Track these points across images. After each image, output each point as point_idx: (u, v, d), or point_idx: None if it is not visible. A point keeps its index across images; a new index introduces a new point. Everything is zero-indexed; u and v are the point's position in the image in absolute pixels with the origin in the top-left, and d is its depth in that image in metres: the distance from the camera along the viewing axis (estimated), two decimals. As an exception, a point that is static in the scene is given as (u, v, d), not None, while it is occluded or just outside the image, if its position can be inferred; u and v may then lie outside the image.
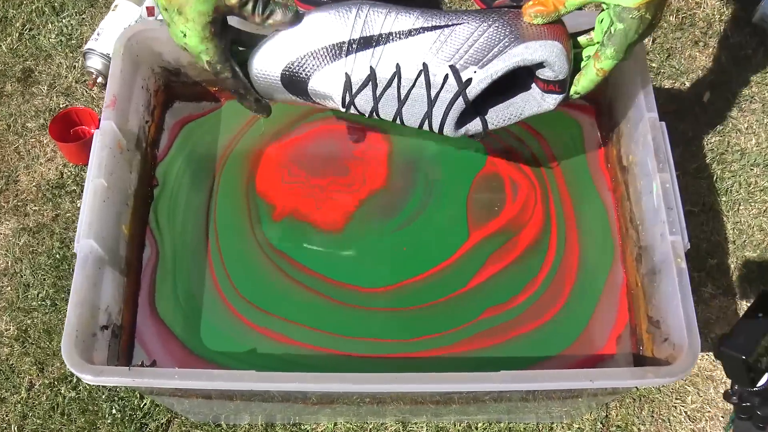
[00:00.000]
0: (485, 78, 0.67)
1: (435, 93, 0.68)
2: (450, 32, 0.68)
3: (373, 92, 0.70)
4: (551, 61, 0.66)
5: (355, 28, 0.69)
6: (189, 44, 0.67)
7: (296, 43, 0.70)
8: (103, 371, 0.67)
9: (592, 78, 0.69)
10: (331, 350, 0.78)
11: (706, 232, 1.01)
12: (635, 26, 0.64)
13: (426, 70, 0.68)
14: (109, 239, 0.75)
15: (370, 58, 0.69)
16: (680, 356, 0.66)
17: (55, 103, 1.13)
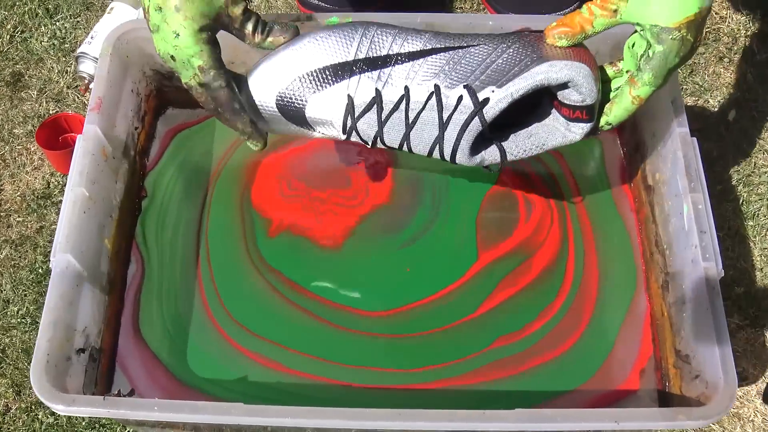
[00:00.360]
0: (505, 97, 0.60)
1: (447, 115, 0.62)
2: (464, 53, 0.62)
3: (378, 116, 0.63)
4: (578, 82, 0.60)
5: (361, 49, 0.63)
6: (181, 45, 0.61)
7: (296, 62, 0.64)
8: (76, 400, 0.60)
9: (627, 107, 0.62)
10: (328, 379, 0.72)
11: (732, 258, 0.95)
12: (676, 48, 0.58)
13: (438, 91, 0.62)
14: (90, 254, 0.69)
15: (376, 80, 0.63)
16: (715, 396, 0.60)
17: (44, 108, 1.07)
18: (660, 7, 0.56)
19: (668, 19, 0.56)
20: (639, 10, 0.57)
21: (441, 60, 0.62)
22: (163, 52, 0.62)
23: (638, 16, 0.58)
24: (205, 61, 0.62)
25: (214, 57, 0.62)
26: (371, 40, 0.63)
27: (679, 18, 0.56)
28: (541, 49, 0.61)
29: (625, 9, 0.58)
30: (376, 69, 0.63)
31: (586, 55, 0.62)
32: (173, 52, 0.62)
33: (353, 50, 0.63)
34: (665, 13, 0.56)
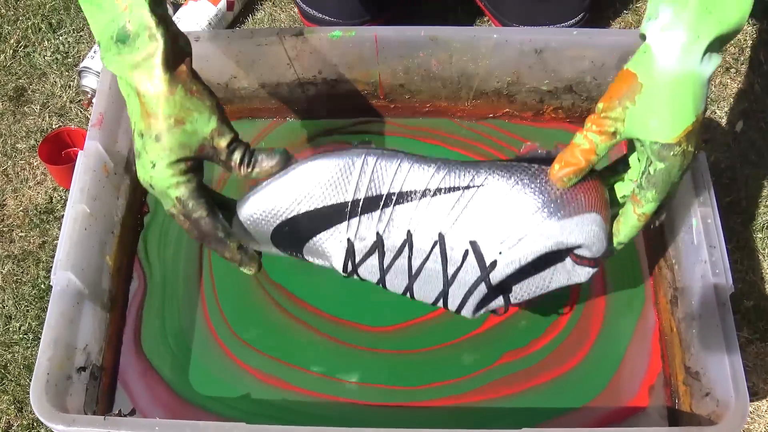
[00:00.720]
0: (513, 262, 0.57)
1: (453, 271, 0.59)
2: (471, 196, 0.58)
3: (380, 262, 0.60)
4: (589, 244, 0.57)
5: (360, 187, 0.59)
6: (156, 177, 0.57)
7: (291, 201, 0.60)
8: (76, 420, 0.60)
9: (634, 225, 0.60)
10: (331, 396, 0.71)
11: (741, 271, 0.94)
12: (679, 163, 0.55)
13: (442, 242, 0.59)
14: (91, 271, 0.68)
15: (377, 222, 0.59)
16: (726, 414, 0.59)
17: (47, 123, 1.07)
18: (658, 123, 0.54)
19: (667, 135, 0.54)
20: (637, 128, 0.55)
21: (445, 203, 0.58)
22: (142, 179, 0.58)
23: (637, 133, 0.56)
24: (182, 192, 0.58)
25: (191, 188, 0.58)
26: (370, 177, 0.59)
27: (677, 132, 0.54)
28: (550, 194, 0.57)
29: (623, 129, 0.56)
30: (377, 209, 0.59)
31: (598, 197, 0.58)
32: (150, 182, 0.58)
33: (352, 188, 0.59)
34: (663, 130, 0.54)
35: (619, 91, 0.55)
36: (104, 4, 0.55)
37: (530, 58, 0.77)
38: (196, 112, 0.57)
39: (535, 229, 0.57)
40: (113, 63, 0.56)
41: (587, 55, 0.76)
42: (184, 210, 0.59)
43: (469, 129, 0.85)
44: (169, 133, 0.56)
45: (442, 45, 0.76)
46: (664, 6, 0.54)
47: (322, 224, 0.60)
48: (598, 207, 0.58)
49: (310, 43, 0.76)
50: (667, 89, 0.53)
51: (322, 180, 0.59)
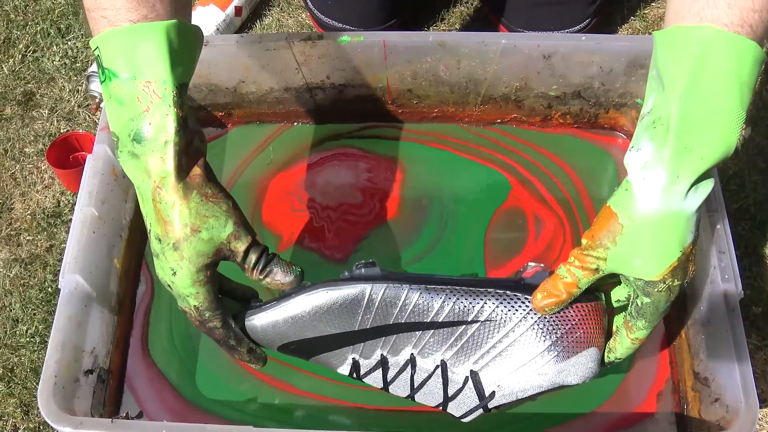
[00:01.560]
0: (510, 394, 0.61)
1: (453, 391, 0.62)
2: (474, 330, 0.60)
3: (384, 376, 0.63)
4: (584, 380, 0.60)
5: (365, 320, 0.61)
6: (177, 285, 0.57)
7: (298, 329, 0.61)
8: (84, 423, 0.60)
9: (628, 346, 0.61)
10: (339, 401, 0.71)
11: (749, 277, 0.93)
12: (665, 298, 0.56)
13: (444, 367, 0.62)
14: (99, 274, 0.68)
15: (381, 347, 0.62)
16: (735, 421, 0.59)
17: (55, 127, 1.07)
18: (641, 263, 0.54)
19: (651, 273, 0.54)
20: (620, 266, 0.55)
21: (449, 334, 0.61)
22: (161, 279, 0.58)
23: (620, 270, 0.55)
24: (201, 302, 0.58)
25: (210, 299, 0.58)
26: (375, 311, 0.60)
27: (661, 270, 0.53)
28: (551, 340, 0.59)
29: (605, 267, 0.56)
30: (381, 336, 0.62)
31: (595, 327, 0.60)
32: (170, 284, 0.58)
33: (357, 320, 0.61)
34: (647, 269, 0.54)
35: (600, 230, 0.55)
36: (126, 101, 0.54)
37: (538, 64, 0.77)
38: (212, 219, 0.56)
39: (534, 369, 0.59)
40: (127, 163, 0.55)
41: (595, 61, 0.76)
42: (200, 317, 0.59)
43: (476, 134, 0.85)
44: (187, 242, 0.55)
45: (450, 50, 0.76)
46: (645, 140, 0.52)
47: (328, 347, 0.63)
48: (595, 340, 0.60)
49: (319, 48, 0.76)
50: (647, 230, 0.52)
51: (328, 313, 0.60)
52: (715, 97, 0.50)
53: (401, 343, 0.62)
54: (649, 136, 0.52)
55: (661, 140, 0.51)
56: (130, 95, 0.53)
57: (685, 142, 0.50)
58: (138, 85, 0.53)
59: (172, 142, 0.54)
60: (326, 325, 0.61)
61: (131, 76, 0.53)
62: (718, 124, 0.50)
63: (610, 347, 0.62)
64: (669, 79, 0.51)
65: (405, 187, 0.82)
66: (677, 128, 0.50)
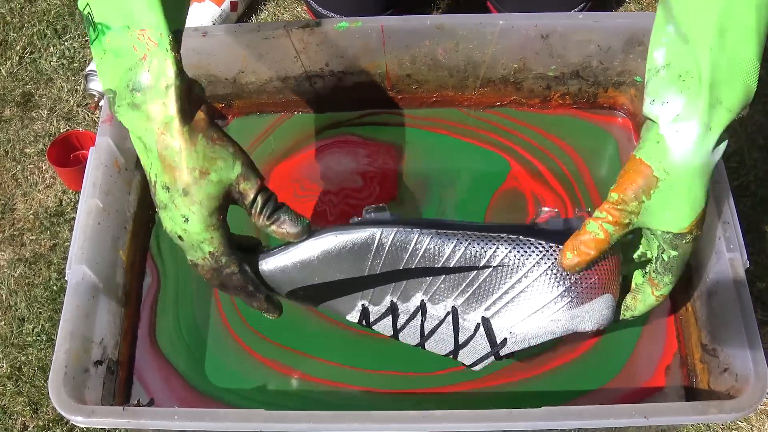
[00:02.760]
0: (521, 342, 0.60)
1: (464, 338, 0.62)
2: (486, 275, 0.59)
3: (394, 323, 0.63)
4: (597, 326, 0.60)
5: (375, 265, 0.60)
6: (190, 231, 0.56)
7: (306, 274, 0.61)
8: (95, 411, 0.59)
9: (651, 303, 0.62)
10: (348, 385, 0.71)
11: (752, 253, 0.94)
12: (690, 249, 0.57)
13: (455, 313, 0.61)
14: (105, 265, 0.68)
15: (391, 293, 0.62)
16: (746, 388, 0.59)
17: (55, 127, 1.07)
18: (672, 215, 0.55)
19: (680, 225, 0.55)
20: (651, 219, 0.56)
21: (460, 280, 0.60)
22: (171, 231, 0.57)
23: (650, 224, 0.57)
24: (216, 247, 0.57)
25: (225, 242, 0.57)
26: (385, 256, 0.60)
27: (690, 221, 0.55)
28: (565, 286, 0.59)
29: (637, 220, 0.57)
30: (391, 282, 0.61)
31: (610, 275, 0.60)
32: (182, 234, 0.57)
33: (367, 265, 0.60)
34: (677, 221, 0.55)
35: (635, 184, 0.55)
36: (122, 52, 0.53)
37: (536, 44, 0.77)
38: (220, 160, 0.55)
39: (548, 317, 0.59)
40: (126, 115, 0.54)
41: (593, 39, 0.76)
42: (216, 264, 0.58)
43: (476, 118, 0.85)
44: (197, 185, 0.55)
45: (448, 33, 0.76)
46: (672, 94, 0.53)
47: (337, 293, 0.62)
48: (610, 287, 0.60)
49: (317, 35, 0.76)
50: (682, 183, 0.54)
51: (338, 257, 0.59)
52: (740, 49, 0.51)
53: (411, 290, 0.61)
54: (678, 88, 0.53)
55: (694, 92, 0.52)
56: (126, 45, 0.53)
57: (716, 94, 0.52)
58: (133, 34, 0.52)
59: (174, 86, 0.53)
60: (335, 271, 0.60)
61: (124, 25, 0.52)
62: (743, 75, 0.51)
63: (628, 305, 0.63)
64: (694, 32, 0.52)
65: (405, 172, 0.82)
66: (709, 80, 0.51)
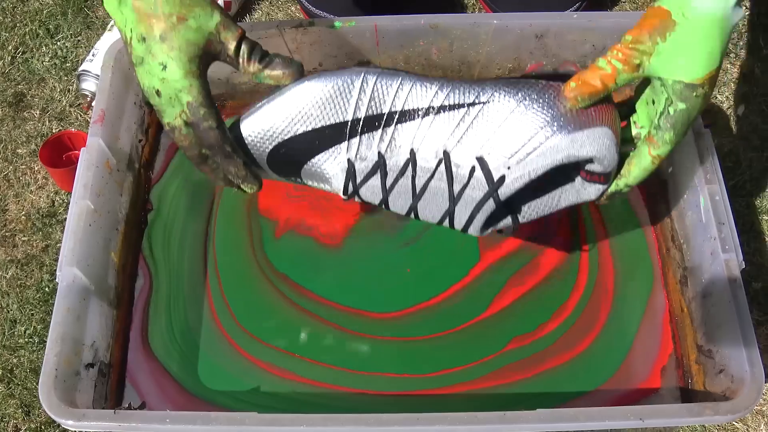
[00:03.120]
0: (522, 176, 0.55)
1: (459, 189, 0.57)
2: (476, 113, 0.56)
3: (382, 182, 0.58)
4: (601, 156, 0.56)
5: (360, 106, 0.57)
6: (169, 78, 0.54)
7: (288, 121, 0.58)
8: (86, 415, 0.59)
9: (647, 167, 0.59)
10: (342, 387, 0.70)
11: (748, 253, 0.93)
12: (699, 105, 0.55)
13: (447, 159, 0.56)
14: (96, 267, 0.68)
15: (378, 142, 0.57)
16: (741, 390, 0.58)
17: (47, 128, 1.06)
18: (686, 62, 0.54)
19: (694, 75, 0.54)
20: (664, 65, 0.54)
21: (450, 120, 0.56)
22: (148, 86, 0.56)
23: (662, 70, 0.55)
24: (194, 96, 0.55)
25: (204, 93, 0.56)
26: (371, 93, 0.56)
27: (704, 73, 0.54)
28: (559, 109, 0.56)
29: (648, 64, 0.55)
30: (378, 129, 0.57)
31: (608, 113, 0.57)
32: (159, 86, 0.55)
33: (351, 107, 0.57)
34: (691, 69, 0.54)
35: (652, 25, 0.54)
36: None
37: (531, 43, 0.76)
38: (198, 8, 0.54)
39: (545, 143, 0.55)
40: None
41: (588, 39, 0.76)
42: (194, 118, 0.56)
43: (471, 118, 0.85)
44: (174, 31, 0.53)
45: (442, 33, 0.76)
46: None
47: (321, 145, 0.58)
48: (609, 122, 0.56)
49: (310, 34, 0.76)
50: (700, 30, 0.53)
51: (321, 99, 0.56)
52: None
53: (399, 138, 0.57)
54: None
55: None
56: None
57: None
58: None
59: None
60: (319, 116, 0.57)
61: None
62: None
63: (622, 173, 0.60)
64: None
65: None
66: None
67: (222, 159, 0.59)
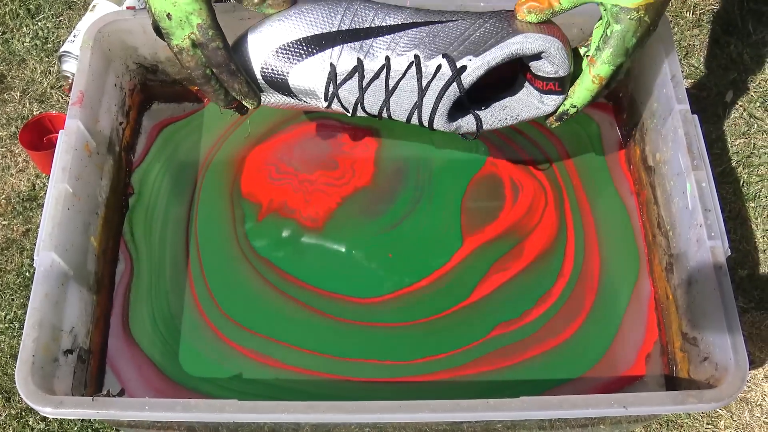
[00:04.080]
0: (482, 65, 0.62)
1: (426, 82, 0.64)
2: (443, 27, 0.65)
3: (359, 83, 0.65)
4: (551, 52, 0.62)
5: (344, 21, 0.65)
6: (180, 2, 0.59)
7: (281, 33, 0.65)
8: (64, 402, 0.58)
9: (588, 86, 0.63)
10: (325, 374, 0.69)
11: (734, 240, 0.93)
12: (633, 28, 0.60)
13: (417, 61, 0.64)
14: (75, 252, 0.67)
15: (358, 51, 0.65)
16: (725, 378, 0.58)
17: (28, 110, 1.05)
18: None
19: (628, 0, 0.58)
20: None
21: (421, 33, 0.64)
22: (159, 10, 0.60)
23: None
24: (204, 19, 0.60)
25: (212, 16, 0.61)
26: (354, 13, 0.65)
27: None
28: (515, 24, 0.63)
29: None
30: (359, 40, 0.65)
31: (558, 32, 0.64)
32: (170, 10, 0.59)
33: (337, 22, 0.65)
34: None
35: None
36: None
37: None
38: None
39: (502, 40, 0.62)
40: None
41: (576, 23, 0.75)
42: (203, 39, 0.60)
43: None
44: None
45: (429, 15, 0.75)
46: None
47: (310, 49, 0.65)
48: (559, 36, 0.63)
49: None
50: None
51: (312, 16, 0.65)
52: None
53: (377, 47, 0.65)
54: None
55: None
56: None
57: None
58: None
59: None
60: (310, 27, 0.65)
61: None
62: None
63: (569, 93, 0.65)
64: None
65: (381, 157, 0.80)
66: None
67: (227, 76, 0.64)
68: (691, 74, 1.06)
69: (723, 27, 1.09)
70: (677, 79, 0.70)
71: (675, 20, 1.10)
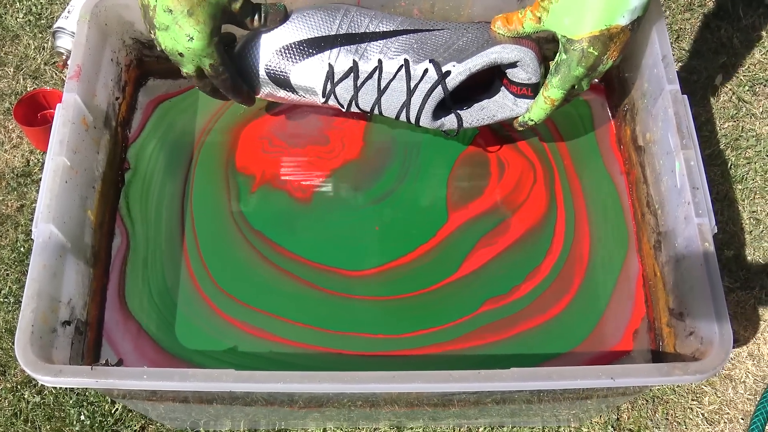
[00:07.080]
0: (464, 71, 0.68)
1: (414, 84, 0.70)
2: (431, 35, 0.71)
3: (354, 82, 0.71)
4: (525, 62, 0.68)
5: (341, 26, 0.71)
6: (195, 48, 0.64)
7: (284, 36, 0.71)
8: (63, 371, 0.59)
9: (541, 106, 0.70)
10: (319, 347, 0.71)
11: (721, 221, 0.95)
12: (577, 59, 0.65)
13: (407, 65, 0.70)
14: (72, 225, 0.67)
15: (354, 53, 0.71)
16: (710, 351, 0.60)
17: (21, 86, 1.05)
18: (570, 21, 0.63)
19: (573, 32, 0.63)
20: (555, 21, 0.65)
21: (411, 39, 0.71)
22: (171, 49, 0.65)
23: (554, 26, 0.65)
24: (215, 60, 0.66)
25: (222, 56, 0.67)
26: (351, 19, 0.71)
27: (581, 32, 0.63)
28: (494, 35, 0.70)
29: (545, 18, 0.65)
30: (354, 43, 0.71)
31: (532, 44, 0.70)
32: (183, 51, 0.64)
33: (335, 26, 0.71)
34: (572, 27, 0.63)
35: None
36: None
37: (512, 6, 0.76)
38: None
39: (482, 49, 0.69)
40: None
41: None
42: (215, 73, 0.68)
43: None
44: (200, 7, 0.62)
45: (424, -7, 0.76)
46: None
47: (311, 50, 0.71)
48: (533, 48, 0.69)
49: (289, -4, 0.75)
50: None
51: (312, 21, 0.71)
52: None
53: (371, 51, 0.70)
54: None
55: None
56: None
57: None
58: None
59: None
60: (309, 28, 0.71)
61: None
62: None
63: (529, 108, 0.71)
64: None
65: (371, 131, 0.81)
66: None
67: (231, 94, 0.71)
68: (682, 58, 1.07)
69: (714, 11, 1.10)
70: (668, 59, 0.71)
71: (667, 3, 1.11)
